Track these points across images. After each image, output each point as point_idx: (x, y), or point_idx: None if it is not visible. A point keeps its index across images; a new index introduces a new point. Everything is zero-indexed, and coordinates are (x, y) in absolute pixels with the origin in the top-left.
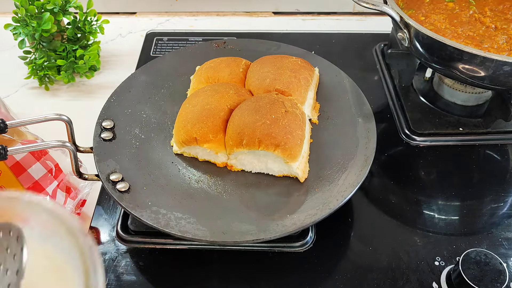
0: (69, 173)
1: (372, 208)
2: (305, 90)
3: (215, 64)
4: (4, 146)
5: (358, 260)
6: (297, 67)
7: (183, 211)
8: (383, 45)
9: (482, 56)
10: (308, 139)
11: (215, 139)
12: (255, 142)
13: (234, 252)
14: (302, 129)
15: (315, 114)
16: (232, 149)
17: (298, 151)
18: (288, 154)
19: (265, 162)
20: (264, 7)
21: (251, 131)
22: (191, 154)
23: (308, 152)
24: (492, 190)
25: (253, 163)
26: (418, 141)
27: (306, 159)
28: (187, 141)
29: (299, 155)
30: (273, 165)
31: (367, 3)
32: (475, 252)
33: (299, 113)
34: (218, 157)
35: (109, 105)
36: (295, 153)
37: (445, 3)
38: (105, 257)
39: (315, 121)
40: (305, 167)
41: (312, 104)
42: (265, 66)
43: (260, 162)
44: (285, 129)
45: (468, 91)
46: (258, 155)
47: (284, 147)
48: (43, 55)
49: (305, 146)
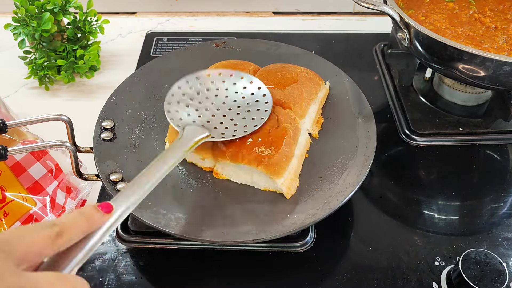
0: (69, 173)
1: (372, 208)
2: (307, 104)
3: (221, 66)
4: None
5: (358, 260)
6: (303, 78)
7: (183, 211)
8: (383, 45)
9: (482, 56)
10: (300, 154)
11: (202, 146)
12: (238, 156)
13: (234, 252)
14: (290, 146)
15: (317, 128)
16: (217, 159)
17: (283, 168)
18: (272, 171)
19: (250, 175)
20: (264, 7)
21: (237, 144)
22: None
23: (299, 168)
24: (492, 190)
25: (239, 174)
26: (418, 141)
27: (295, 175)
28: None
29: (284, 172)
30: (258, 179)
31: (367, 3)
32: (475, 252)
33: (292, 129)
34: (205, 162)
35: (109, 105)
36: (279, 170)
37: (445, 3)
38: (105, 257)
39: (315, 136)
40: (291, 183)
41: (315, 118)
42: (270, 75)
43: (246, 174)
44: (271, 145)
45: (468, 91)
46: (243, 168)
47: (267, 164)
48: (43, 55)
49: (294, 162)
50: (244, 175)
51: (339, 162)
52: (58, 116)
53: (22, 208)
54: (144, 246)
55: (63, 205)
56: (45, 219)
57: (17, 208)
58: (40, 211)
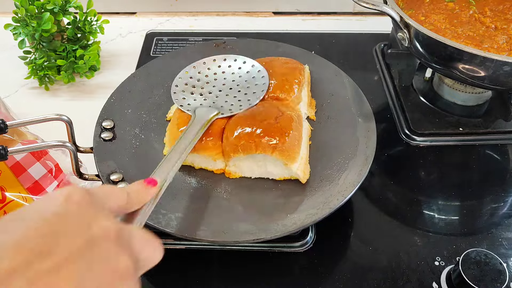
0: (69, 173)
1: (372, 208)
2: (299, 91)
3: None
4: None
5: (358, 260)
6: (288, 70)
7: (183, 211)
8: (383, 45)
9: (482, 56)
10: (306, 140)
11: (214, 147)
12: (251, 146)
13: (234, 252)
14: (299, 131)
15: (312, 110)
16: (229, 155)
17: (296, 152)
18: (286, 156)
19: (264, 166)
20: (264, 7)
21: (247, 135)
22: (187, 163)
23: (308, 153)
24: (492, 190)
25: (252, 168)
26: (418, 141)
27: (306, 160)
28: None
29: (298, 156)
30: (272, 169)
31: (367, 3)
32: (475, 252)
33: (295, 115)
34: (216, 163)
35: (109, 105)
36: (293, 154)
37: (445, 3)
38: None
39: (313, 117)
40: (305, 168)
41: (308, 102)
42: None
43: (259, 167)
44: (281, 131)
45: (468, 91)
46: (256, 160)
47: (281, 149)
48: (43, 55)
49: (303, 147)
50: (258, 168)
51: (339, 162)
52: (58, 116)
53: None
54: None
55: None
56: None
57: (17, 208)
58: None
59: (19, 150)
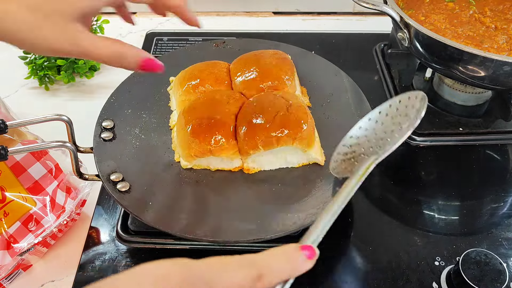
0: (69, 173)
1: (372, 208)
2: (293, 81)
3: (197, 72)
4: (4, 147)
5: (358, 260)
6: (278, 61)
7: (183, 211)
8: (383, 45)
9: (482, 56)
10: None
11: (230, 147)
12: (272, 141)
13: (235, 252)
14: (310, 117)
15: (306, 98)
16: (248, 153)
17: (313, 138)
18: (306, 143)
19: (283, 157)
20: (264, 7)
21: (265, 131)
22: (203, 166)
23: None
24: (492, 190)
25: (271, 161)
26: (418, 141)
27: (319, 143)
28: (201, 154)
29: (314, 141)
30: (292, 158)
31: (367, 3)
32: (475, 252)
33: (302, 102)
34: (233, 163)
35: (109, 105)
36: (311, 140)
37: (445, 3)
38: (105, 257)
39: (309, 104)
40: (321, 152)
41: (300, 90)
42: (248, 66)
43: (279, 159)
44: (297, 120)
45: (468, 91)
46: (275, 153)
47: (301, 138)
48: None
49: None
50: (277, 160)
51: None
52: (58, 116)
53: (22, 208)
54: (144, 246)
55: (63, 205)
56: (45, 219)
57: (17, 208)
58: (40, 211)
59: (19, 150)
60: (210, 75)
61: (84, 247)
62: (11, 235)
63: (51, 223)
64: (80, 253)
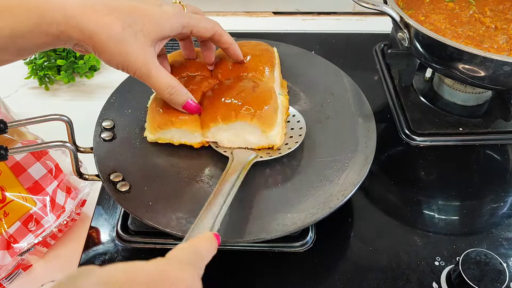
0: (69, 173)
1: (372, 208)
2: (271, 72)
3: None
4: (4, 147)
5: (358, 260)
6: (260, 52)
7: (183, 211)
8: (383, 45)
9: (482, 56)
10: (282, 110)
11: (191, 120)
12: (231, 115)
13: (234, 252)
14: (275, 99)
15: (284, 90)
16: (208, 125)
17: (273, 120)
18: (264, 123)
19: (243, 136)
20: (264, 7)
21: (226, 105)
22: (166, 140)
23: (284, 122)
24: (492, 190)
25: (231, 140)
26: (418, 141)
27: (283, 127)
28: (163, 125)
29: (275, 123)
30: (251, 137)
31: (367, 3)
32: (475, 252)
33: (273, 89)
34: (195, 136)
35: (109, 105)
36: (271, 121)
37: (445, 3)
38: (105, 257)
39: (286, 97)
40: (282, 135)
41: (280, 82)
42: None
43: (238, 137)
44: (258, 100)
45: (468, 91)
46: (235, 129)
47: (260, 116)
48: (43, 55)
49: (279, 116)
50: (237, 139)
51: (339, 162)
52: (58, 116)
53: (22, 208)
54: (144, 246)
55: (63, 205)
56: (45, 219)
57: (17, 208)
58: (40, 211)
59: (19, 150)
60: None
61: (84, 247)
62: (11, 235)
63: (51, 223)
64: (80, 253)
